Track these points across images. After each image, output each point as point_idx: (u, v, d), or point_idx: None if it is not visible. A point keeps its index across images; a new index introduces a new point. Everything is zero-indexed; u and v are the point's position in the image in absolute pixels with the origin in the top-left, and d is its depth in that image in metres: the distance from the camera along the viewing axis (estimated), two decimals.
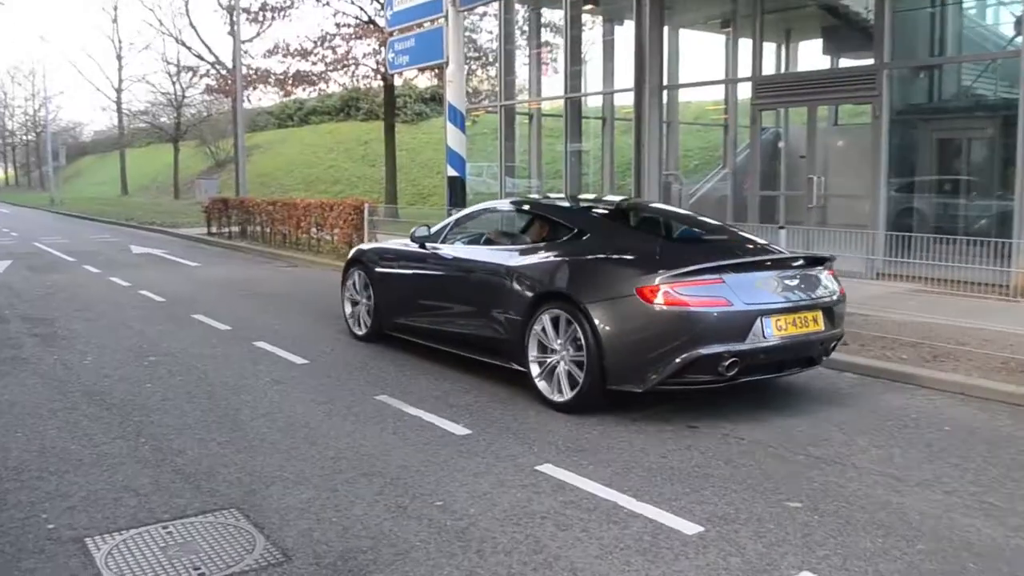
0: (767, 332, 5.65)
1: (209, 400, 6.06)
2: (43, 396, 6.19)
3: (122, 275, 13.36)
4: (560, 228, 6.67)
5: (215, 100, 43.04)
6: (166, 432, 5.31)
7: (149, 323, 9.19)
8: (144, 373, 6.88)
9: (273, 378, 6.71)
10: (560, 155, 22.01)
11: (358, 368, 7.11)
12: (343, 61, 24.38)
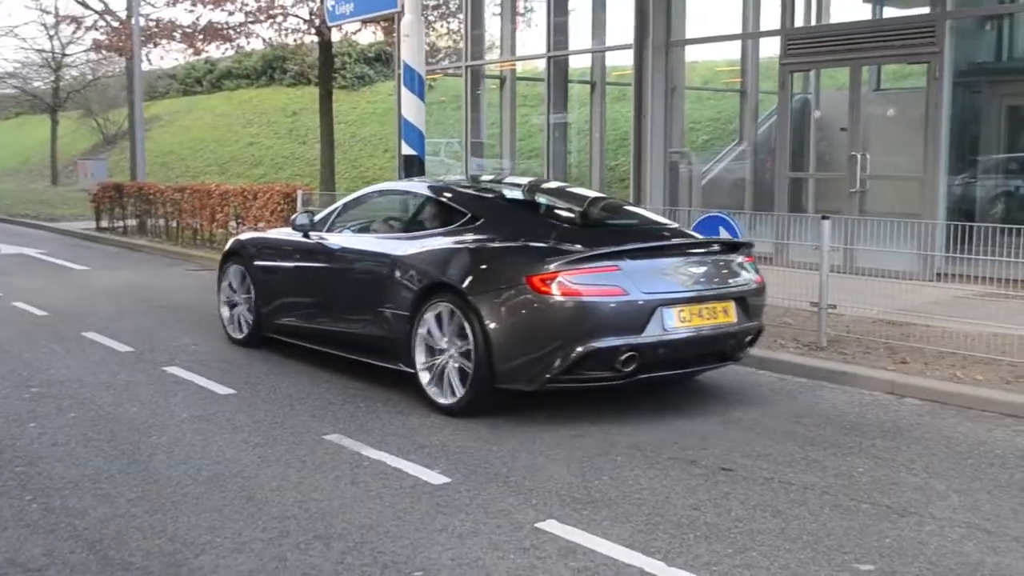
0: (668, 324, 6.26)
1: (112, 444, 5.91)
2: None
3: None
4: (455, 213, 7.17)
5: (104, 60, 42.46)
6: (59, 486, 5.16)
7: (28, 344, 8.99)
8: (25, 409, 6.71)
9: (192, 413, 6.57)
10: (536, 129, 22.01)
11: (298, 398, 7.00)
12: (267, 11, 24.13)
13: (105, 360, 8.31)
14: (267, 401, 6.93)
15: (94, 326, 9.83)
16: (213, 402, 6.90)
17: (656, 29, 15.15)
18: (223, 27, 24.76)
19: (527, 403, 6.71)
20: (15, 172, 49.77)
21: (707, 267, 6.70)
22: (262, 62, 43.30)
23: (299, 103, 39.07)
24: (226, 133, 39.79)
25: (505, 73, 20.03)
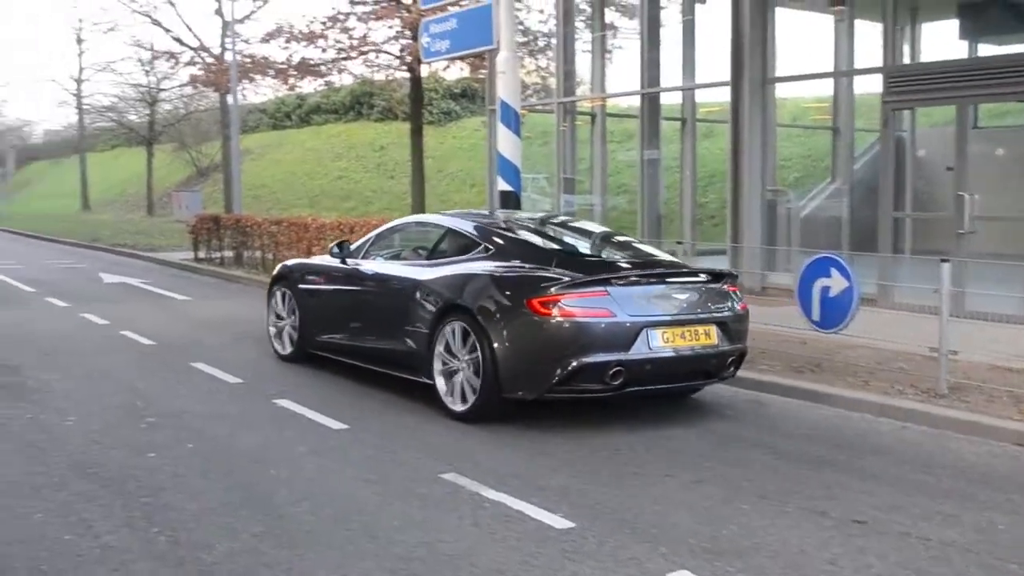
0: (653, 344, 7.07)
1: (231, 477, 5.90)
2: (20, 468, 6.07)
3: (96, 311, 13.34)
4: (471, 243, 8.14)
5: (197, 94, 43.43)
6: (183, 519, 5.14)
7: (139, 373, 9.10)
8: (143, 439, 6.75)
9: (307, 448, 6.55)
10: (624, 165, 21.91)
11: (410, 435, 6.94)
12: (359, 48, 24.44)
13: (216, 391, 8.36)
14: (380, 437, 6.88)
15: (202, 356, 9.92)
16: (326, 437, 6.87)
17: (752, 66, 14.97)
18: (316, 63, 25.14)
19: (645, 444, 6.60)
20: (112, 203, 51.03)
21: (690, 294, 7.51)
22: (350, 97, 43.89)
23: (387, 138, 39.51)
24: (316, 167, 40.36)
25: (596, 109, 19.96)
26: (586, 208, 19.61)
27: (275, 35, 25.02)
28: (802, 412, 7.92)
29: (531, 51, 26.09)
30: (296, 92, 34.87)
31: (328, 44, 24.52)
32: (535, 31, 25.37)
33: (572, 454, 6.47)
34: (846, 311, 8.44)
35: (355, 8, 24.76)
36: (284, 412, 7.60)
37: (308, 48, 24.82)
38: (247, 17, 30.62)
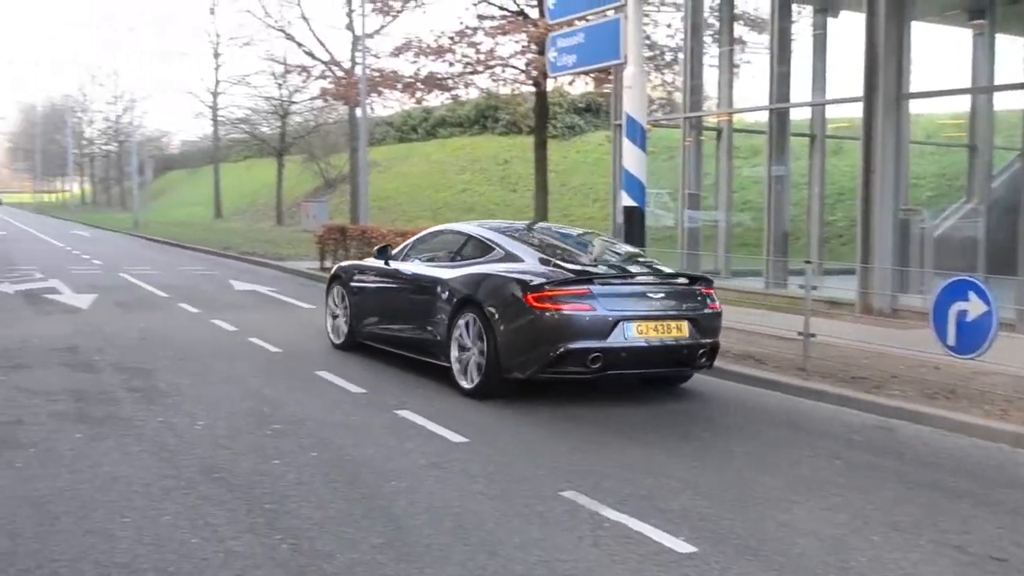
0: (628, 335, 8.23)
1: (352, 486, 5.95)
2: (152, 470, 6.22)
3: (225, 317, 13.70)
4: (487, 248, 9.46)
5: (327, 107, 44.40)
6: (306, 527, 5.19)
7: (266, 380, 9.29)
8: (269, 445, 6.87)
9: (428, 460, 6.56)
10: (749, 181, 21.54)
11: (530, 451, 6.90)
12: (486, 62, 24.63)
13: (339, 400, 8.47)
14: (500, 452, 6.85)
15: (326, 365, 10.09)
16: (447, 449, 6.88)
17: (887, 81, 14.56)
18: (443, 77, 25.42)
19: (770, 468, 6.44)
20: (243, 212, 52.51)
21: (665, 294, 8.65)
22: (475, 111, 44.33)
23: (510, 151, 39.72)
24: (440, 179, 40.81)
25: (722, 124, 19.71)
26: (710, 224, 19.36)
27: (404, 49, 25.41)
28: (935, 440, 7.62)
29: (657, 66, 25.90)
30: (423, 106, 35.32)
31: (455, 58, 24.79)
32: (662, 45, 25.19)
33: (694, 476, 6.34)
34: (984, 336, 8.11)
35: (483, 23, 24.99)
36: (405, 423, 7.65)
37: (436, 62, 25.14)
38: (377, 32, 31.19)
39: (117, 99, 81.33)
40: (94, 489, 5.79)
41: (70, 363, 9.97)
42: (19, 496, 5.63)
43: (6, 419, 7.51)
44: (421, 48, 24.92)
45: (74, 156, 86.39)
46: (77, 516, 5.31)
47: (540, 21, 21.83)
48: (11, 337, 11.53)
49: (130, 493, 5.73)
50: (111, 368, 9.76)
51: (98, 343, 11.30)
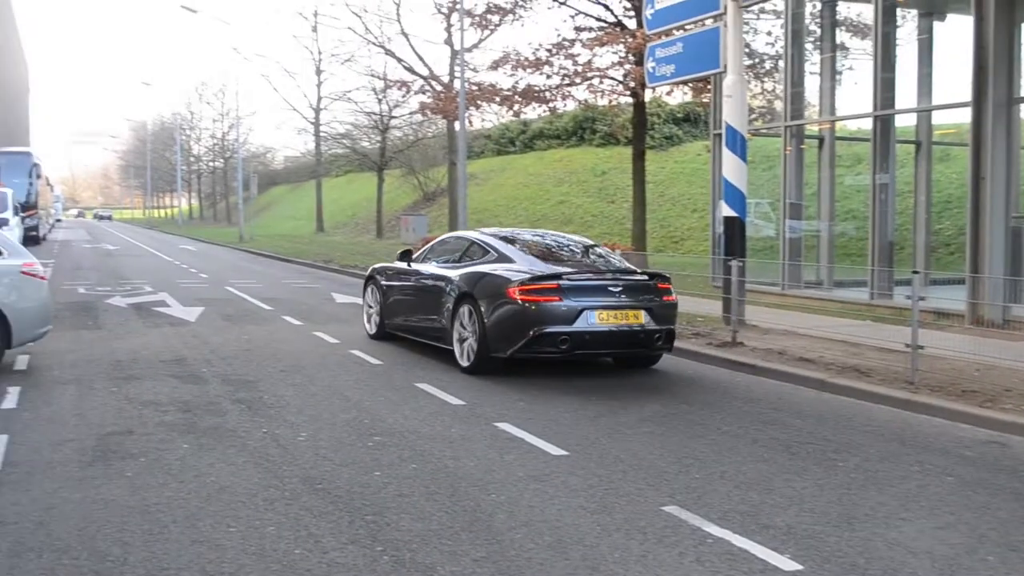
0: (591, 321, 9.93)
1: (452, 499, 5.95)
2: (256, 480, 6.32)
3: (328, 330, 13.90)
4: (486, 251, 11.34)
5: (425, 122, 44.89)
6: (407, 539, 5.21)
7: (367, 392, 9.38)
8: (369, 457, 6.92)
9: (527, 473, 6.54)
10: (852, 190, 21.09)
11: (631, 464, 6.81)
12: (584, 74, 24.60)
13: (439, 413, 8.50)
14: (600, 465, 6.79)
15: (425, 377, 10.15)
16: (547, 462, 6.84)
17: (997, 85, 14.11)
18: (541, 90, 25.45)
19: (877, 484, 6.26)
20: (344, 225, 53.31)
21: (624, 288, 10.33)
22: (573, 123, 44.32)
23: (608, 163, 39.62)
24: (537, 191, 40.88)
25: (824, 132, 19.34)
26: (812, 234, 19.01)
27: (502, 63, 25.54)
28: None
29: (757, 74, 25.57)
30: (521, 118, 35.46)
31: (553, 70, 24.81)
32: (761, 53, 24.86)
33: (798, 492, 6.19)
34: None
35: (580, 35, 25.00)
36: (505, 436, 7.64)
37: (534, 75, 25.20)
38: (475, 46, 31.50)
39: (223, 117, 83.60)
40: (201, 499, 5.90)
41: (178, 375, 10.21)
42: (130, 505, 5.77)
43: (117, 429, 7.72)
44: (519, 61, 25.01)
45: (182, 172, 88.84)
46: (185, 525, 5.42)
47: (638, 31, 21.72)
48: (123, 349, 11.86)
49: (235, 503, 5.83)
50: (217, 380, 9.96)
51: (205, 355, 11.55)
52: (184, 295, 19.05)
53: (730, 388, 10.01)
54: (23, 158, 44.18)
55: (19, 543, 5.12)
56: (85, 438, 7.42)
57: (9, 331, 10.15)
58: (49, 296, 11.08)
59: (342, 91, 52.31)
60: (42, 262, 11.39)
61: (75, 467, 6.60)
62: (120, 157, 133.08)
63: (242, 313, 16.18)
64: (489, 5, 26.89)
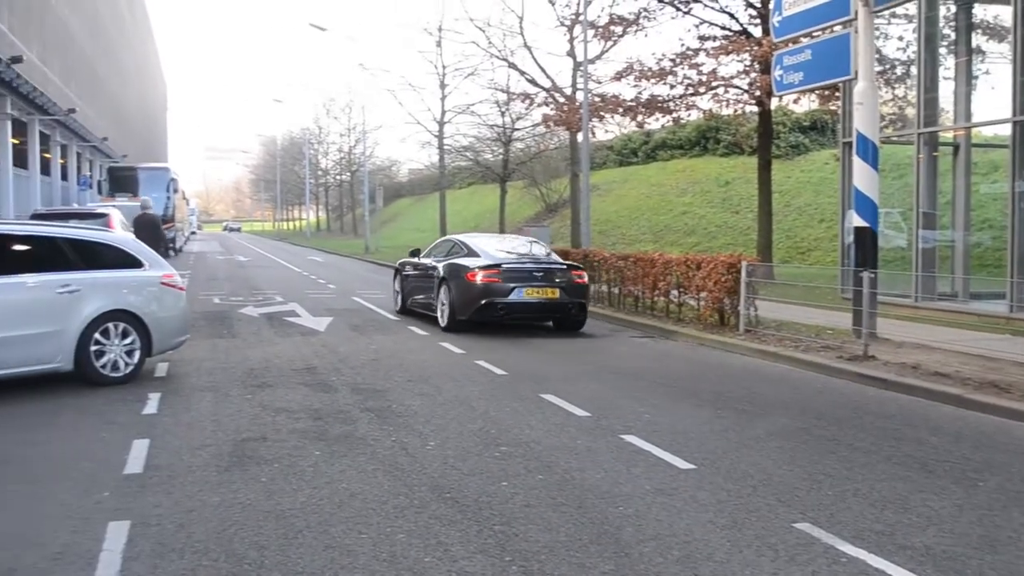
0: (520, 295, 14.54)
1: (580, 511, 5.94)
2: (386, 488, 6.41)
3: (453, 340, 14.05)
4: (460, 248, 16.20)
5: (548, 134, 45.00)
6: (535, 549, 5.22)
7: (493, 402, 9.43)
8: (496, 467, 6.96)
9: (654, 486, 6.48)
10: (987, 199, 20.32)
11: (761, 480, 6.70)
12: (708, 83, 24.35)
13: (564, 424, 8.49)
14: (728, 480, 6.69)
15: (550, 388, 10.16)
16: (674, 476, 6.78)
17: None
18: (664, 100, 25.29)
19: (1020, 504, 6.01)
20: None
21: (545, 272, 15.02)
22: (696, 132, 43.89)
23: (732, 172, 39.10)
24: (660, 202, 40.59)
25: (959, 139, 18.72)
26: (946, 245, 18.41)
27: (625, 73, 25.48)
28: None
29: (888, 80, 24.92)
30: (644, 129, 35.25)
31: (677, 80, 24.62)
32: (891, 59, 24.23)
33: (936, 512, 5.98)
34: None
35: (704, 44, 24.76)
36: (631, 448, 7.59)
37: (657, 85, 25.07)
38: (598, 57, 31.39)
39: (350, 131, 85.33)
40: (333, 505, 6.02)
41: (309, 383, 10.44)
42: (265, 510, 5.92)
43: (252, 435, 7.93)
44: (643, 72, 24.91)
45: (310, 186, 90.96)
46: (318, 531, 5.53)
47: (764, 39, 21.41)
48: (256, 358, 12.20)
49: (366, 510, 5.93)
50: (347, 388, 10.15)
51: (334, 364, 11.79)
52: (313, 305, 19.49)
53: (861, 403, 9.76)
54: (161, 173, 45.87)
55: (161, 544, 5.30)
56: (222, 443, 7.65)
57: (150, 339, 10.55)
58: (187, 306, 11.48)
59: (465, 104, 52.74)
60: (179, 273, 11.79)
61: (213, 471, 6.81)
62: (251, 171, 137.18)
63: (369, 323, 16.47)
64: (612, 16, 26.90)
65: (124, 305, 10.35)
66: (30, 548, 5.25)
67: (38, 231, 10.56)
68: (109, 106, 54.15)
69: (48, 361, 9.78)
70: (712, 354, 13.26)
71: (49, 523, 5.67)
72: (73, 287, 9.96)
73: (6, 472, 6.80)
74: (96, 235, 10.97)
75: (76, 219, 18.86)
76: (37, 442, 7.69)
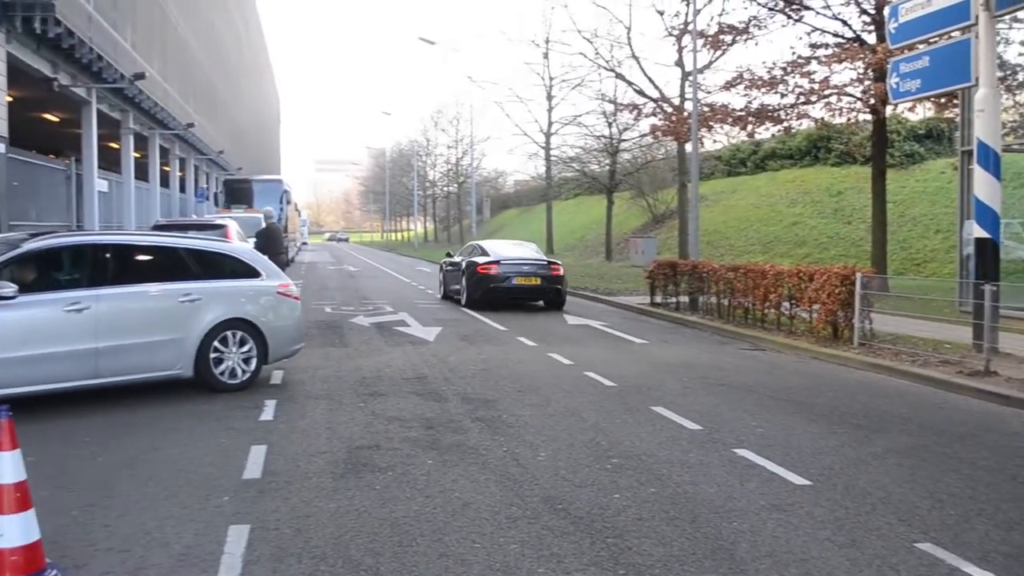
0: (513, 282, 21.21)
1: (693, 525, 5.87)
2: (498, 498, 6.44)
3: (561, 350, 14.04)
4: (480, 251, 22.46)
5: (656, 144, 44.77)
6: (649, 563, 5.19)
7: (603, 414, 9.40)
8: (608, 479, 6.93)
9: (769, 502, 6.38)
10: None
11: (880, 497, 6.53)
12: (820, 91, 23.90)
13: (676, 437, 8.42)
14: (846, 497, 6.54)
15: (661, 400, 10.08)
16: (789, 492, 6.65)
17: None
18: (775, 109, 24.92)
19: None
20: (573, 247, 53.78)
21: (531, 266, 21.53)
22: (807, 142, 43.13)
23: (844, 182, 38.33)
24: (769, 213, 39.98)
25: None
26: None
27: (735, 83, 25.19)
28: None
29: (1008, 87, 24.16)
30: (753, 139, 34.80)
31: (788, 89, 24.23)
32: (1013, 64, 23.50)
33: None
34: None
35: (816, 51, 24.33)
36: (744, 462, 7.48)
37: (768, 94, 24.71)
38: (707, 67, 31.10)
39: (457, 143, 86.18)
40: (446, 514, 6.07)
41: (420, 392, 10.55)
42: (379, 517, 6.00)
43: (366, 443, 8.05)
44: (753, 80, 24.59)
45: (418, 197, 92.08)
46: (431, 539, 5.58)
47: (879, 46, 20.93)
48: (368, 367, 12.38)
49: (479, 520, 5.96)
50: (457, 398, 10.23)
51: (444, 373, 11.89)
52: (422, 315, 19.70)
53: (983, 420, 9.45)
54: (275, 185, 46.94)
55: (280, 548, 5.42)
56: (336, 450, 7.78)
57: (266, 347, 10.80)
58: (302, 315, 11.72)
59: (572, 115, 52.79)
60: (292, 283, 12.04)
61: (328, 478, 6.93)
62: (360, 183, 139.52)
63: (477, 333, 16.57)
64: (722, 26, 26.61)
65: (242, 314, 10.63)
66: (156, 548, 5.42)
67: (161, 242, 10.90)
68: (225, 120, 55.73)
69: (169, 368, 10.08)
70: (825, 368, 12.99)
71: (173, 525, 5.84)
72: (194, 296, 10.26)
73: (133, 475, 7.02)
74: (215, 245, 11.26)
75: (195, 230, 19.37)
76: (160, 446, 7.93)
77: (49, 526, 5.38)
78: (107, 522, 5.89)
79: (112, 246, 10.14)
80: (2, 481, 4.62)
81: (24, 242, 9.60)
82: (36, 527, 4.67)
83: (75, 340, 9.34)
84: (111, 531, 5.72)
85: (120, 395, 9.92)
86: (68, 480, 6.88)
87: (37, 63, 20.95)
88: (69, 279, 9.90)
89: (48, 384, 9.22)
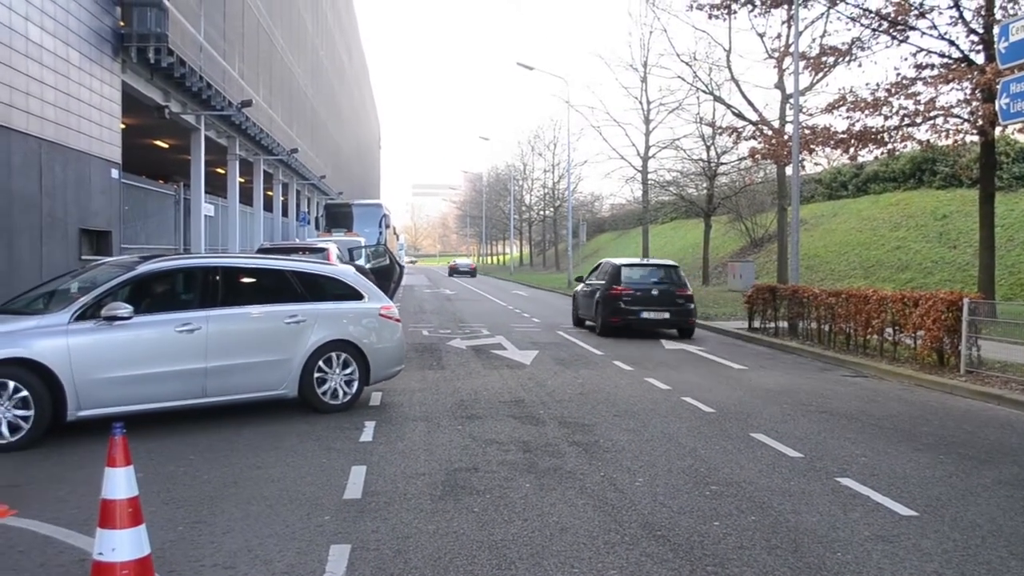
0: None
1: (796, 555, 5.78)
2: (596, 523, 6.42)
3: (658, 375, 13.96)
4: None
5: (754, 167, 44.27)
6: None
7: (701, 440, 9.31)
8: (707, 506, 6.86)
9: (874, 532, 6.24)
10: None
11: (990, 530, 6.34)
12: (925, 112, 23.39)
13: (776, 464, 8.29)
14: (954, 529, 6.37)
15: (760, 427, 9.95)
16: (895, 523, 6.50)
17: None
18: (878, 131, 24.46)
19: None
20: None
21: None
22: (911, 164, 42.20)
23: (949, 205, 37.39)
24: (871, 237, 39.19)
25: None
26: None
27: (837, 105, 24.79)
28: None
29: None
30: (855, 162, 34.19)
31: (892, 111, 23.77)
32: None
33: None
34: None
35: (921, 72, 23.84)
36: (847, 491, 7.33)
37: (871, 116, 24.26)
38: (808, 89, 30.72)
39: (554, 168, 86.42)
40: (544, 538, 6.07)
41: (517, 415, 10.59)
42: (478, 540, 6.03)
43: (464, 466, 8.10)
44: (855, 102, 24.17)
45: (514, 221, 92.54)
46: (530, 563, 5.59)
47: (988, 66, 20.41)
48: (465, 390, 12.47)
49: (577, 544, 5.95)
50: (554, 422, 10.24)
51: (541, 397, 11.91)
52: (519, 338, 19.78)
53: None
54: (374, 209, 47.70)
55: (380, 568, 5.48)
56: (435, 472, 7.85)
57: (368, 369, 10.95)
58: (403, 337, 11.85)
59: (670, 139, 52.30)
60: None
61: (427, 500, 6.99)
62: (457, 207, 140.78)
63: (574, 357, 16.56)
64: (824, 47, 26.27)
65: (345, 335, 10.80)
66: (259, 565, 5.53)
67: (268, 264, 11.14)
68: (327, 145, 56.83)
69: (275, 388, 10.30)
70: (931, 395, 12.67)
71: (275, 542, 5.95)
72: (300, 317, 10.47)
73: (237, 493, 7.18)
74: (320, 268, 11.48)
75: (299, 253, 19.78)
76: (263, 465, 8.10)
77: (157, 541, 5.54)
78: (212, 538, 6.03)
79: (222, 268, 10.40)
80: (116, 496, 4.76)
81: (138, 264, 9.91)
82: (147, 542, 4.79)
83: (185, 360, 9.61)
84: (217, 547, 5.86)
85: (222, 415, 10.17)
86: (175, 496, 7.07)
87: (150, 91, 21.69)
88: (181, 300, 10.20)
89: (158, 403, 9.49)
